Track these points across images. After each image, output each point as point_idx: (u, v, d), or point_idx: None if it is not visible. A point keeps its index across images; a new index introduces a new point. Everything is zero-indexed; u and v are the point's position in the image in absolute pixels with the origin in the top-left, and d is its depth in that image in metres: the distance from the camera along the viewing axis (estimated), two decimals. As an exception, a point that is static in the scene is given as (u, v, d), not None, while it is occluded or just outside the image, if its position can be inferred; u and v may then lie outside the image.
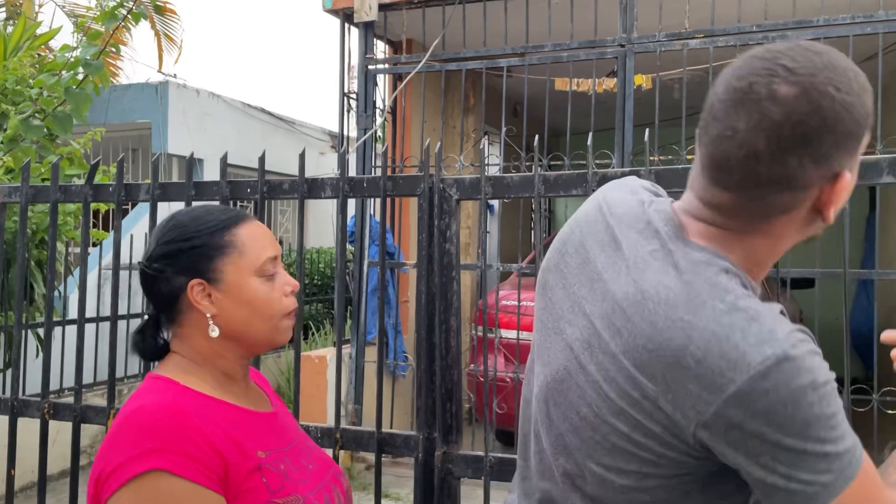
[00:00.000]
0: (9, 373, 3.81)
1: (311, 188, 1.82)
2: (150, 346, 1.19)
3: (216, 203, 1.26)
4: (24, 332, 2.24)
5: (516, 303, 4.03)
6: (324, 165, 8.41)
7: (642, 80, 4.39)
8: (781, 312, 0.87)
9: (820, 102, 0.82)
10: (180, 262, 1.13)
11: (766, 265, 0.94)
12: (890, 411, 3.76)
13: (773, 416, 0.81)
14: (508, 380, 4.35)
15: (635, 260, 0.92)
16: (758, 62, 0.86)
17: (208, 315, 1.12)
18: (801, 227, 0.91)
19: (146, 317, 1.21)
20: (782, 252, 0.95)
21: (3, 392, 4.31)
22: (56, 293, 4.23)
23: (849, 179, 0.87)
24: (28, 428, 2.17)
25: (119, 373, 4.53)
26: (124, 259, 4.59)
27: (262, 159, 1.86)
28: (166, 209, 2.09)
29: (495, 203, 7.10)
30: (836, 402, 0.83)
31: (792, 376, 0.80)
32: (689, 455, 0.87)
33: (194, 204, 1.94)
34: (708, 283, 0.86)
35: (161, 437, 1.00)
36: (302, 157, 1.81)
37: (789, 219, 0.89)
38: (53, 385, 4.46)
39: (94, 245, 5.76)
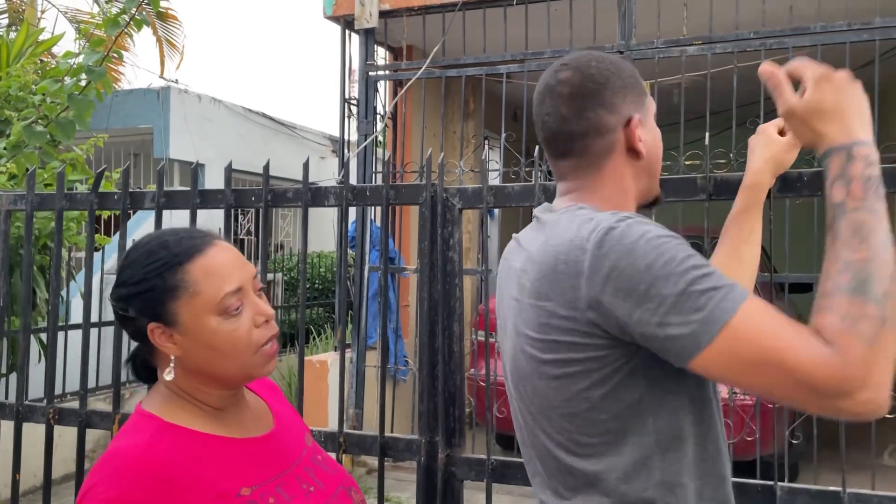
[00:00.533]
0: (11, 377, 3.83)
1: (314, 197, 1.84)
2: (143, 373, 1.15)
3: (179, 227, 1.15)
4: (28, 337, 2.26)
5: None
6: (324, 170, 8.45)
7: (641, 87, 4.41)
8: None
9: (588, 73, 1.12)
10: (136, 305, 1.08)
11: (624, 206, 1.13)
12: (888, 415, 3.78)
13: (622, 274, 0.95)
14: (509, 384, 4.38)
15: (527, 242, 1.16)
16: (548, 73, 1.17)
17: (172, 357, 1.08)
18: (630, 169, 1.14)
19: (138, 345, 1.15)
20: (630, 192, 1.15)
21: (6, 397, 4.33)
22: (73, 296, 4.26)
23: (637, 120, 1.12)
24: (30, 432, 2.19)
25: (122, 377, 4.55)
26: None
27: (266, 168, 1.88)
28: (169, 216, 2.12)
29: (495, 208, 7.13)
30: (677, 248, 0.94)
31: (620, 238, 0.97)
32: (612, 346, 1.00)
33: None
34: (566, 220, 1.08)
35: (121, 486, 0.98)
36: (306, 166, 1.83)
37: (614, 160, 1.13)
38: (56, 389, 4.48)
39: (97, 250, 5.79)
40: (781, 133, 1.38)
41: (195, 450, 1.05)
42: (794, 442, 4.06)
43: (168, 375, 1.08)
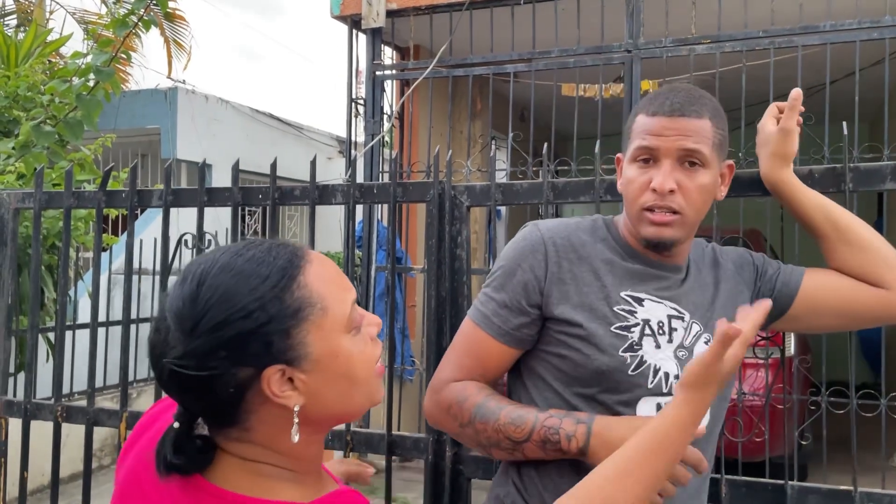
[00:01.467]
0: (19, 377, 3.84)
1: (321, 194, 1.84)
2: (195, 459, 0.82)
3: (241, 242, 0.86)
4: (37, 336, 2.27)
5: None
6: (331, 170, 8.45)
7: (649, 86, 4.40)
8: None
9: None
10: (245, 353, 0.78)
11: (627, 226, 1.28)
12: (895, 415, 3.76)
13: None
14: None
15: None
16: None
17: (295, 408, 0.80)
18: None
19: (176, 426, 0.82)
20: (626, 218, 1.28)
21: (15, 396, 4.33)
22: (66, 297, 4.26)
23: (618, 161, 1.35)
24: (37, 432, 2.19)
25: (129, 376, 4.55)
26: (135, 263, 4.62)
27: (273, 166, 1.88)
28: (176, 214, 2.12)
29: (502, 207, 7.12)
30: (511, 254, 1.27)
31: (520, 231, 1.30)
32: None
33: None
34: None
35: None
36: (313, 164, 1.83)
37: None
38: (63, 389, 4.49)
39: (104, 250, 5.80)
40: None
41: None
42: (803, 443, 4.03)
43: (296, 436, 0.80)
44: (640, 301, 1.22)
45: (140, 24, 3.72)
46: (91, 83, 3.71)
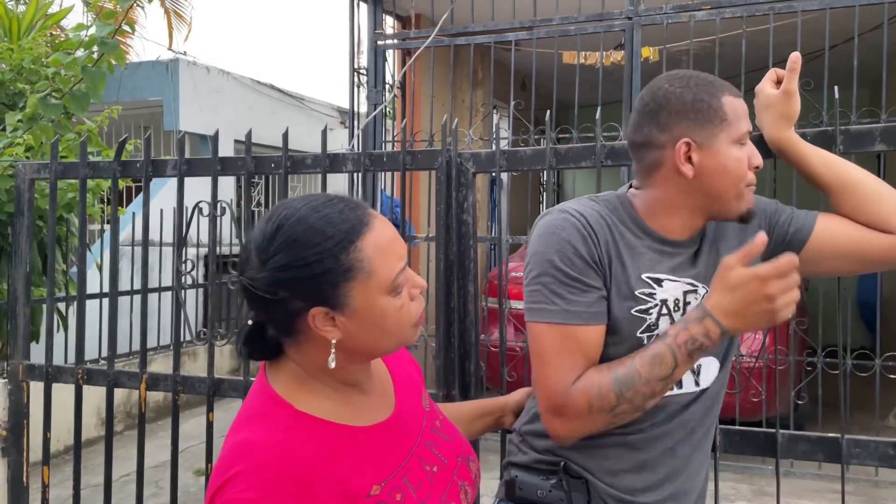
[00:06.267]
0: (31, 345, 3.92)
1: (332, 163, 1.90)
2: (260, 350, 1.05)
3: (320, 196, 1.01)
4: (53, 304, 2.34)
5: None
6: (332, 141, 8.47)
7: (649, 53, 4.42)
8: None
9: (655, 93, 1.25)
10: (300, 291, 0.95)
11: (664, 215, 1.27)
12: (892, 375, 3.84)
13: (529, 248, 1.26)
14: (518, 349, 4.46)
15: None
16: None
17: (333, 341, 0.98)
18: (679, 184, 1.24)
19: (249, 323, 1.04)
20: (678, 204, 1.25)
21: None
22: (73, 269, 4.34)
23: (684, 144, 1.21)
24: (56, 396, 2.27)
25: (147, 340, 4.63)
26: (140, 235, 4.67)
27: (285, 136, 1.94)
28: (167, 185, 2.17)
29: (504, 175, 7.15)
30: (553, 244, 1.22)
31: (542, 222, 1.26)
32: None
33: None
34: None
35: (261, 487, 0.90)
36: (324, 133, 1.89)
37: (663, 174, 1.25)
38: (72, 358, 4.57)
39: (109, 222, 5.86)
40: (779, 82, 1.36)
41: (330, 445, 0.97)
42: (799, 403, 4.12)
43: (332, 363, 0.98)
44: (659, 282, 1.25)
45: (142, -6, 3.74)
46: (95, 55, 3.73)
